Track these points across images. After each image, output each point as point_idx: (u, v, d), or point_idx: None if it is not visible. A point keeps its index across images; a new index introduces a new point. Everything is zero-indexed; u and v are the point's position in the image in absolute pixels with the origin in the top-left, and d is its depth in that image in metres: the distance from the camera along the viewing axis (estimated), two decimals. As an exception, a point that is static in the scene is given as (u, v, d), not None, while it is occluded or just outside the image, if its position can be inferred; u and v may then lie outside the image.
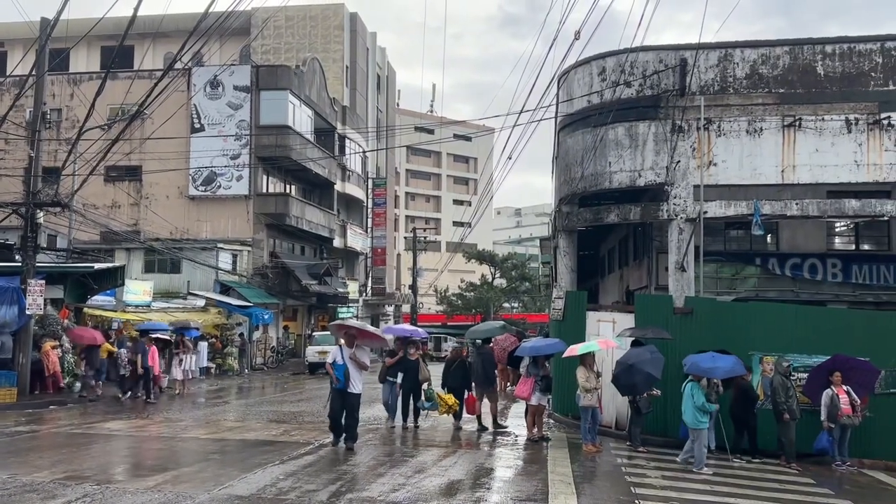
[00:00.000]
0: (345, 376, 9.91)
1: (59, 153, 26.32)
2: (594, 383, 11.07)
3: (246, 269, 31.18)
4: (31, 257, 16.39)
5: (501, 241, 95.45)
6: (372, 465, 9.25)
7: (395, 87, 57.13)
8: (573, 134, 15.43)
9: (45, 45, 15.97)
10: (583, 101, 15.01)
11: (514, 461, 10.21)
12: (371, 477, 8.49)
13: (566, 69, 15.48)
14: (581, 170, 14.75)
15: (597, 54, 14.99)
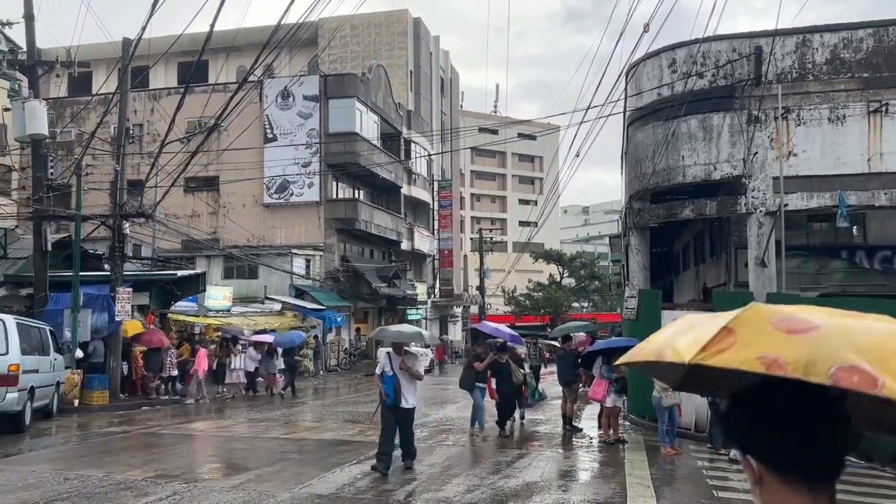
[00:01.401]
0: (395, 390, 8.50)
1: (141, 166, 27.68)
2: (671, 384, 10.77)
3: (318, 273, 31.96)
4: (118, 266, 17.30)
5: (569, 239, 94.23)
6: (446, 466, 9.30)
7: (459, 89, 57.35)
8: (643, 128, 15.10)
9: (127, 65, 16.84)
10: (652, 94, 14.67)
11: (590, 463, 10.06)
12: (446, 477, 8.54)
13: (634, 62, 15.17)
14: (652, 165, 14.42)
15: (666, 46, 14.62)
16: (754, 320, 1.06)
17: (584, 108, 15.22)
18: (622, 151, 18.69)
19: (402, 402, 8.51)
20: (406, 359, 8.70)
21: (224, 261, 30.56)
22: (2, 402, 11.43)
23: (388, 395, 8.52)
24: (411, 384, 8.66)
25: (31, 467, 9.09)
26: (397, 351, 8.75)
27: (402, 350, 8.77)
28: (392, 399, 8.49)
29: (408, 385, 8.59)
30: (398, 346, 8.79)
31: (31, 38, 16.87)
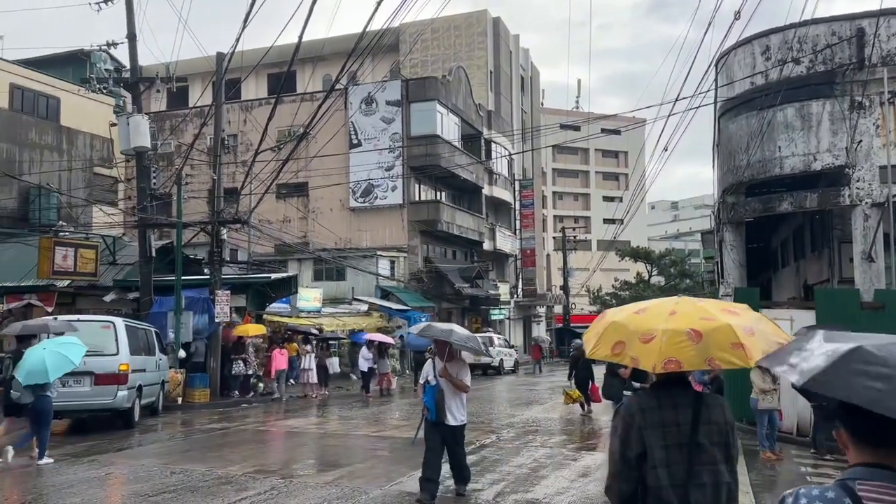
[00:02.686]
0: (437, 403, 6.97)
1: (236, 175, 29.03)
2: (771, 385, 10.29)
3: (403, 274, 32.47)
4: (217, 270, 18.19)
5: (657, 236, 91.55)
6: (534, 468, 9.24)
7: (539, 86, 56.82)
8: (736, 119, 14.47)
9: (222, 78, 17.69)
10: (745, 83, 14.05)
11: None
12: (535, 479, 8.48)
13: (725, 51, 14.56)
14: (746, 157, 13.80)
15: (759, 32, 13.96)
16: None
17: (672, 100, 14.74)
18: (714, 144, 17.99)
19: (446, 418, 6.98)
20: (450, 365, 7.11)
21: (314, 263, 31.56)
22: (113, 399, 12.24)
23: (429, 410, 7.10)
24: (457, 396, 7.11)
25: (141, 461, 9.70)
26: (440, 353, 7.21)
27: (445, 353, 7.14)
28: (434, 414, 7.03)
29: (453, 397, 7.06)
30: (442, 347, 7.19)
31: (134, 56, 18.01)
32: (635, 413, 2.80)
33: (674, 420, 2.76)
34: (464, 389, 7.14)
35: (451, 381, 7.01)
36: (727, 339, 2.60)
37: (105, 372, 12.08)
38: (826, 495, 1.58)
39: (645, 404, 2.81)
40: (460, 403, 7.12)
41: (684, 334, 2.64)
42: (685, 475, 2.71)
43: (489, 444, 10.72)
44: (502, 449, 10.39)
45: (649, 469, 2.74)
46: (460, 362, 7.30)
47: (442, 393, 6.97)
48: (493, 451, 10.26)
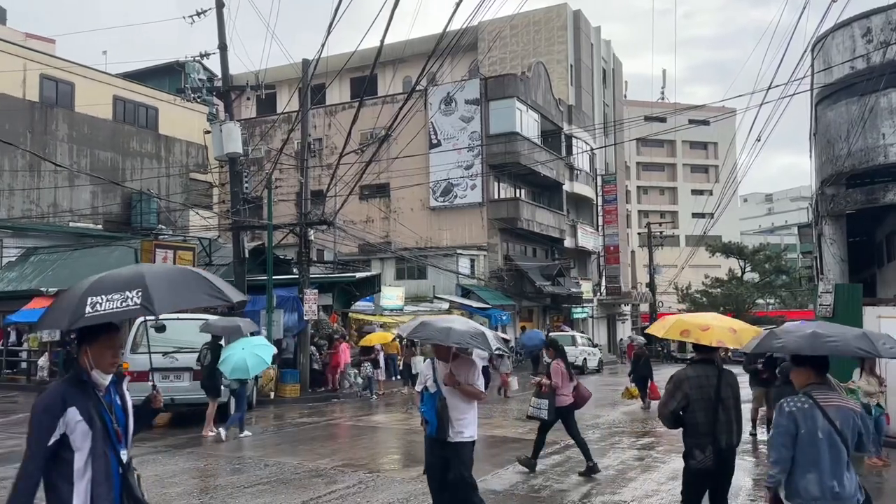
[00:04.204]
0: (438, 414, 5.57)
1: (322, 177, 29.92)
2: (876, 387, 9.67)
3: (483, 272, 32.52)
4: (305, 270, 18.82)
5: (750, 231, 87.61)
6: (621, 469, 9.06)
7: (622, 79, 55.48)
8: (834, 106, 13.66)
9: (308, 85, 18.26)
10: (844, 68, 13.23)
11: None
12: (622, 481, 8.32)
13: (822, 35, 13.77)
14: (847, 145, 13.00)
15: (859, 14, 13.12)
16: None
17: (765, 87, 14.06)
18: (810, 133, 17.04)
19: (448, 434, 5.51)
20: (456, 367, 5.58)
21: (396, 262, 32.11)
22: (212, 393, 12.88)
23: (427, 423, 5.68)
24: (465, 406, 5.59)
25: (237, 453, 10.18)
26: (441, 356, 5.67)
27: (449, 355, 5.60)
28: (434, 429, 5.59)
29: (459, 407, 5.57)
30: (442, 350, 5.64)
31: (225, 66, 18.85)
32: (684, 378, 4.90)
33: (705, 383, 4.85)
34: (477, 397, 5.63)
35: (461, 388, 5.52)
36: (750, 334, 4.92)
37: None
38: (798, 399, 3.82)
39: (690, 373, 4.93)
40: (469, 415, 5.61)
41: (728, 329, 5.00)
42: (712, 414, 4.79)
43: (573, 446, 10.58)
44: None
45: (689, 411, 4.84)
46: (468, 362, 5.77)
47: (445, 402, 5.53)
48: (578, 452, 10.12)
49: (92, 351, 3.15)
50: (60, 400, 3.04)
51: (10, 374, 21.76)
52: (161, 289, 3.02)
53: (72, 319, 2.95)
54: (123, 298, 2.94)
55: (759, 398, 12.03)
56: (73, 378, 3.16)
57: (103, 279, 3.12)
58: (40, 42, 35.39)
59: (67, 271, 22.88)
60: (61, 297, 3.23)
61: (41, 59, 29.71)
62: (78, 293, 3.05)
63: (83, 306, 2.94)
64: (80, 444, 3.04)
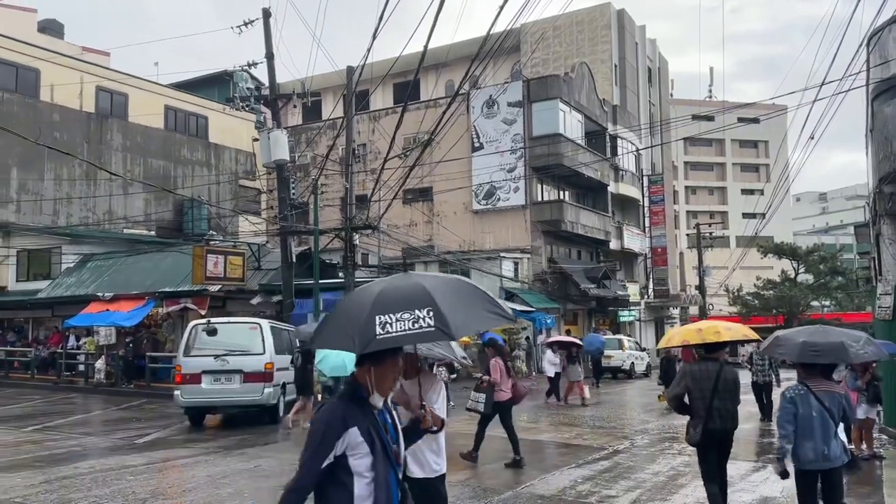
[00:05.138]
0: None
1: (366, 182, 30.22)
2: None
3: (527, 275, 32.33)
4: (350, 274, 19.02)
5: (804, 231, 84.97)
6: (671, 476, 8.87)
7: (668, 77, 54.52)
8: (892, 101, 13.13)
9: (352, 92, 18.49)
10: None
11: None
12: (672, 487, 8.15)
13: (878, 27, 13.26)
14: (906, 142, 12.49)
15: (919, 3, 12.58)
16: None
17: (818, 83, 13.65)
18: (867, 129, 16.44)
19: (409, 468, 4.38)
20: (412, 385, 4.26)
21: (439, 266, 32.19)
22: (260, 396, 13.13)
23: None
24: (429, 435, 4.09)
25: (286, 455, 10.33)
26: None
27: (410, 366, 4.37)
28: None
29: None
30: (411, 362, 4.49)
31: (272, 75, 19.24)
32: (687, 371, 6.22)
33: (706, 376, 6.02)
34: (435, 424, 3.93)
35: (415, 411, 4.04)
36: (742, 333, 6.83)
37: (252, 370, 12.99)
38: (797, 388, 5.20)
39: (693, 368, 6.21)
40: (434, 444, 4.52)
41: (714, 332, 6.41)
42: (709, 402, 5.94)
43: (622, 451, 10.43)
44: (636, 455, 10.07)
45: (692, 399, 6.06)
46: (431, 379, 4.60)
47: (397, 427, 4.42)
48: (626, 458, 9.98)
49: (376, 372, 2.85)
50: (341, 419, 2.79)
51: (69, 376, 22.59)
52: (452, 307, 2.70)
53: (363, 342, 2.62)
54: (415, 319, 2.63)
55: None
56: (351, 395, 2.87)
57: (386, 294, 2.77)
58: (96, 55, 36.74)
59: (122, 277, 23.67)
60: (340, 314, 2.91)
61: (97, 72, 30.84)
62: (362, 311, 2.71)
63: (372, 327, 2.62)
64: (361, 467, 2.80)
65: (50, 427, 13.17)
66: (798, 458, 5.18)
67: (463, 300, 2.85)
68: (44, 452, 10.41)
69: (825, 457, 5.09)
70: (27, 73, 27.86)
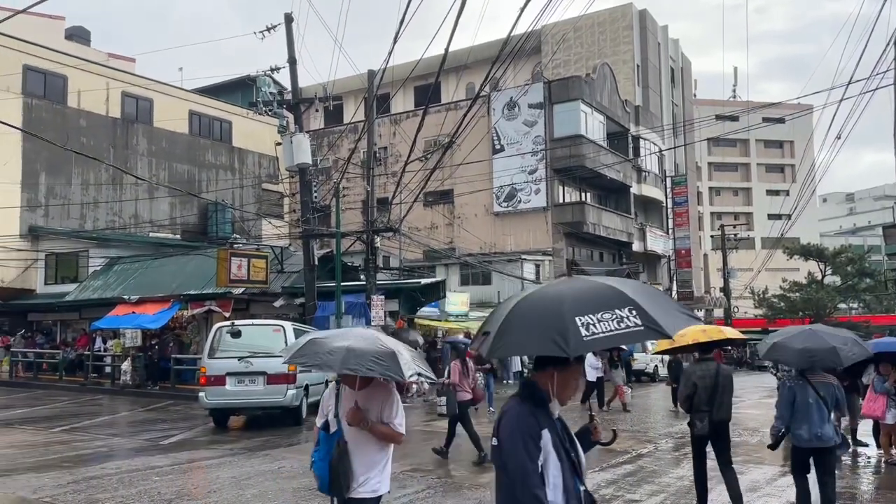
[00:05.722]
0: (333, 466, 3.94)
1: (387, 185, 30.32)
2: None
3: (548, 277, 32.19)
4: (372, 276, 19.09)
5: (830, 232, 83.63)
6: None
7: (691, 77, 54.02)
8: (923, 99, 12.87)
9: (374, 96, 18.56)
10: (934, 58, 12.45)
11: (867, 487, 8.80)
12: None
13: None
14: (937, 141, 12.23)
15: (950, -1, 12.32)
16: None
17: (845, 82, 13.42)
18: (895, 128, 16.14)
19: (350, 490, 3.92)
20: (366, 398, 3.95)
21: (460, 268, 32.17)
22: (283, 397, 13.20)
23: (321, 478, 4.02)
24: (376, 452, 3.98)
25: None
26: (349, 380, 3.96)
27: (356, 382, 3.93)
28: (323, 484, 4.01)
29: (367, 454, 3.95)
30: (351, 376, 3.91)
31: (295, 79, 19.39)
32: (692, 372, 6.89)
33: (708, 374, 6.74)
34: (393, 440, 3.97)
35: (371, 429, 3.88)
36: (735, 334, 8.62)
37: (276, 372, 13.07)
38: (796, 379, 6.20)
39: (696, 368, 6.90)
40: (383, 462, 4.01)
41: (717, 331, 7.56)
42: (710, 397, 6.67)
43: (646, 454, 10.33)
44: (661, 460, 9.96)
45: (697, 395, 6.70)
46: (383, 391, 4.00)
47: (345, 448, 3.90)
48: (650, 462, 9.88)
49: (559, 377, 2.72)
50: (536, 421, 2.64)
51: (96, 377, 22.94)
52: (652, 306, 2.57)
53: (573, 344, 2.43)
54: (618, 318, 2.50)
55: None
56: (532, 398, 2.72)
57: (574, 296, 2.62)
58: (122, 61, 37.37)
59: (148, 280, 23.99)
60: (519, 319, 2.68)
61: (122, 78, 31.35)
62: (554, 314, 2.55)
63: (575, 328, 2.46)
64: (551, 475, 2.62)
65: (77, 428, 13.38)
66: (796, 438, 6.09)
67: (654, 299, 2.68)
68: (71, 453, 10.58)
69: (819, 437, 5.99)
70: (55, 80, 28.40)
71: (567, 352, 2.46)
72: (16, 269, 26.67)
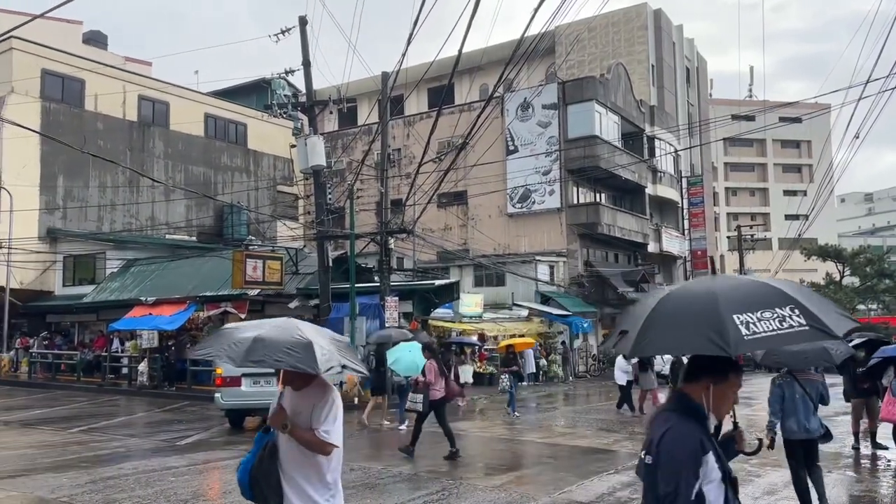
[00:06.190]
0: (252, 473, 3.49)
1: (401, 187, 30.37)
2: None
3: (562, 279, 32.07)
4: (386, 278, 19.12)
5: (849, 232, 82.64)
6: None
7: (707, 77, 53.64)
8: (944, 97, 12.66)
9: (387, 97, 18.60)
10: (955, 55, 12.25)
11: (887, 489, 8.67)
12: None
13: (927, 21, 12.81)
14: (959, 139, 12.02)
15: (972, -5, 12.14)
16: None
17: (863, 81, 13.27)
18: (916, 126, 15.88)
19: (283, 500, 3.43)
20: (300, 399, 3.51)
21: (474, 270, 32.13)
22: (299, 398, 13.25)
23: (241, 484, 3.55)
24: (311, 461, 3.43)
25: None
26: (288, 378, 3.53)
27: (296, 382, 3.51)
28: (246, 490, 3.54)
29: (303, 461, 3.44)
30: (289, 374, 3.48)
31: (309, 81, 19.47)
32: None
33: None
34: (319, 450, 3.39)
35: (294, 434, 3.38)
36: None
37: (290, 373, 13.10)
38: (785, 378, 6.82)
39: None
40: (317, 474, 3.44)
41: None
42: None
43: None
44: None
45: None
46: (321, 391, 3.50)
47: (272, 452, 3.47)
48: (666, 464, 9.79)
49: (716, 390, 2.50)
50: (700, 445, 2.41)
51: (113, 378, 23.16)
52: (812, 304, 2.39)
53: (734, 343, 2.26)
54: (780, 318, 2.32)
55: (858, 409, 11.18)
56: (692, 414, 2.48)
57: (730, 293, 2.44)
58: (138, 65, 37.74)
59: (164, 281, 24.18)
60: (667, 318, 2.48)
61: (139, 81, 31.66)
62: (708, 312, 2.37)
63: (734, 327, 2.29)
64: (713, 496, 2.41)
65: (95, 428, 13.51)
66: (787, 431, 6.71)
67: (811, 298, 2.48)
68: (89, 453, 10.68)
69: (806, 430, 6.65)
70: (73, 84, 28.73)
71: (728, 351, 2.27)
72: (34, 271, 27.00)
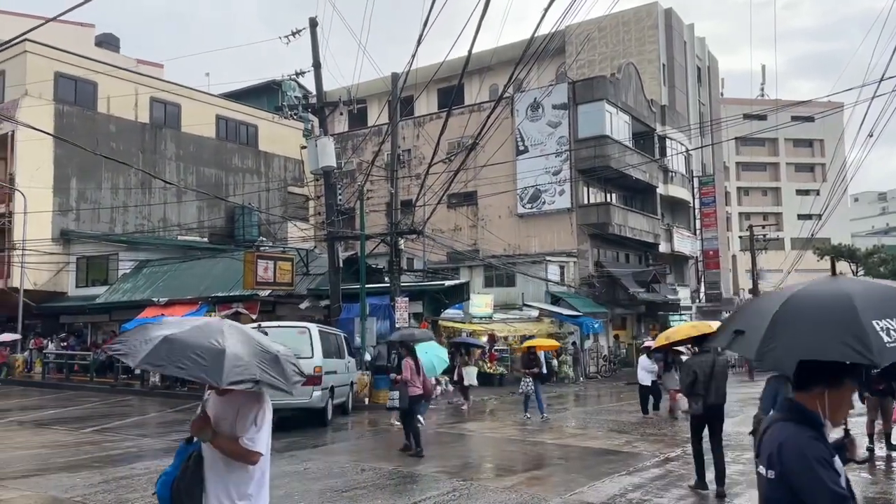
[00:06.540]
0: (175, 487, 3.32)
1: (411, 187, 30.38)
2: None
3: (573, 279, 31.96)
4: (396, 279, 19.13)
5: (862, 232, 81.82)
6: (727, 484, 8.60)
7: (718, 76, 53.32)
8: (960, 95, 12.53)
9: (397, 99, 18.62)
10: (971, 52, 12.11)
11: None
12: (728, 496, 7.90)
13: (943, 18, 12.68)
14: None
15: None
16: None
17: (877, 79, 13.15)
18: (931, 124, 15.72)
19: None
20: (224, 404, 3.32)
21: (484, 270, 32.09)
22: (309, 399, 13.25)
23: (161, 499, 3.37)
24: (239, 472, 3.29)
25: (334, 458, 10.42)
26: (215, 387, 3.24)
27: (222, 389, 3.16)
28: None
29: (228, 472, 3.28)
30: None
31: (319, 83, 19.53)
32: (693, 363, 8.07)
33: (706, 363, 7.84)
34: (243, 459, 3.24)
35: (215, 443, 3.22)
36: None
37: (301, 374, 13.13)
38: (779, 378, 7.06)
39: (695, 360, 8.11)
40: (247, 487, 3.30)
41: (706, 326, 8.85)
42: (708, 382, 7.79)
43: (675, 458, 10.18)
44: (689, 463, 9.76)
45: (696, 382, 7.83)
46: (245, 398, 3.26)
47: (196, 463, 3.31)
48: (679, 465, 9.73)
49: (832, 398, 2.36)
50: (827, 447, 2.33)
51: (126, 378, 23.31)
52: None
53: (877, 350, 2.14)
54: None
55: (873, 409, 11.02)
56: (810, 422, 2.37)
57: (867, 298, 2.31)
58: (150, 67, 37.98)
59: (176, 282, 24.33)
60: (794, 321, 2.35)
61: (151, 83, 31.86)
62: (842, 317, 2.25)
63: (875, 333, 2.16)
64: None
65: (108, 428, 13.60)
66: None
67: None
68: (102, 453, 10.75)
69: None
70: (85, 86, 28.95)
71: (871, 359, 2.13)
72: (48, 273, 27.23)
